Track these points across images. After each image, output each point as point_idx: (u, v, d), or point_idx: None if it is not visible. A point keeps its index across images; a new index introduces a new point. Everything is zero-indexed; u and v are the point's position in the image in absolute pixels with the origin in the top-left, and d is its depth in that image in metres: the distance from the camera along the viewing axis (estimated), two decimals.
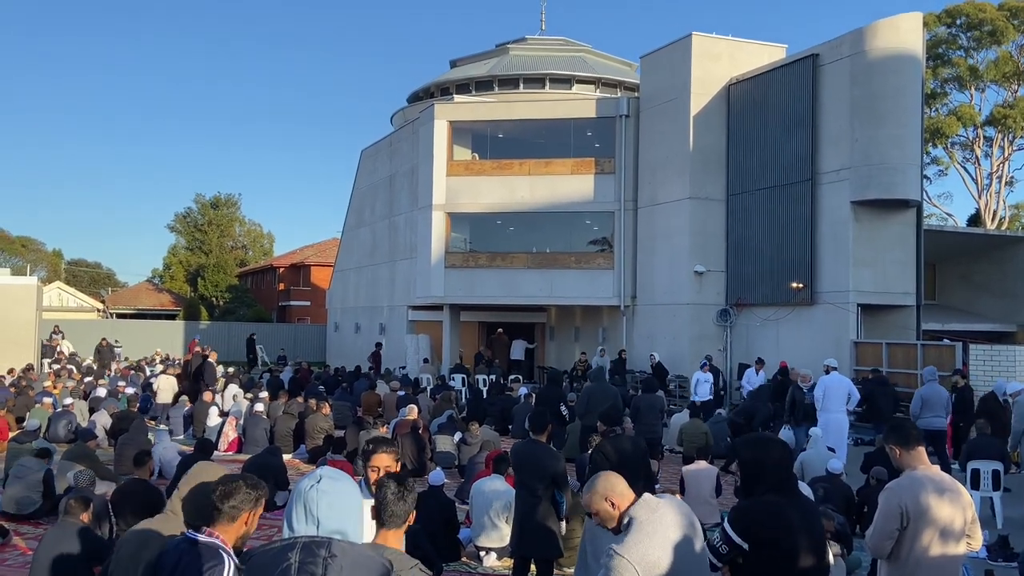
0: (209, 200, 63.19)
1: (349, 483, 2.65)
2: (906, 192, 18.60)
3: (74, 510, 6.72)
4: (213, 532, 3.43)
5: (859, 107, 18.88)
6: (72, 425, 15.03)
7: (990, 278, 24.23)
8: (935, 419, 12.95)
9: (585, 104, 25.15)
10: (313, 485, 2.58)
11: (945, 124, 37.87)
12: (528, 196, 24.66)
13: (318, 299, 47.29)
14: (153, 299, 58.42)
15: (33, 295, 28.45)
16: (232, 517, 3.47)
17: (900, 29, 18.78)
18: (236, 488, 3.50)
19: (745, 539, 3.83)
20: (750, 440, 4.35)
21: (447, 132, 25.43)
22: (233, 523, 3.49)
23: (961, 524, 4.41)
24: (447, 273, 25.17)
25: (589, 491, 3.87)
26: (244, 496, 3.50)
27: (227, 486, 3.51)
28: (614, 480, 3.85)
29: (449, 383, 22.18)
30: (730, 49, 22.43)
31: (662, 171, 22.79)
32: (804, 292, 19.78)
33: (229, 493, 3.48)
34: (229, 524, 3.48)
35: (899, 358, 18.06)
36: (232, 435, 15.24)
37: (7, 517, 9.75)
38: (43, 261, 69.36)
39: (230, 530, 3.48)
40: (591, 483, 3.90)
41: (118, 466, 11.90)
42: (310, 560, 2.38)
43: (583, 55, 33.27)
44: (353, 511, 2.63)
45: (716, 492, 9.74)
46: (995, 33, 36.80)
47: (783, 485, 3.95)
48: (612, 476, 3.89)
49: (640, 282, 23.65)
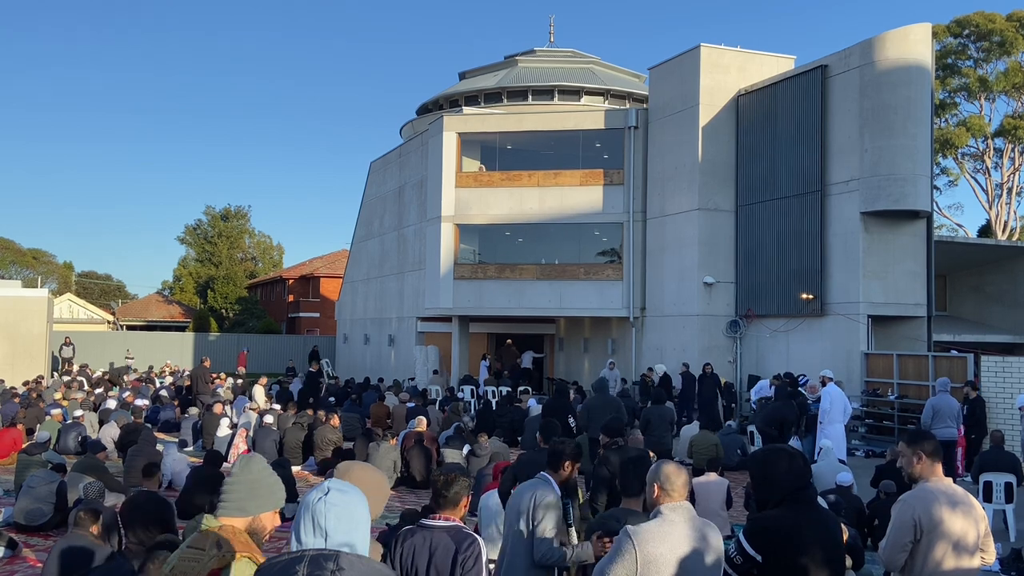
0: (219, 212, 63.48)
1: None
2: (916, 203, 18.53)
3: (84, 522, 6.73)
4: (449, 516, 3.96)
5: (869, 118, 18.84)
6: (82, 437, 15.08)
7: (1001, 289, 24.10)
8: (945, 429, 13.02)
9: (594, 115, 25.18)
10: (321, 497, 2.55)
11: (955, 135, 37.76)
12: (537, 207, 24.67)
13: (327, 311, 47.36)
14: (163, 311, 58.62)
15: (44, 307, 28.63)
16: (455, 502, 3.99)
17: (909, 40, 18.76)
18: (454, 477, 4.02)
19: (759, 552, 3.84)
20: (758, 455, 4.34)
21: (456, 144, 25.49)
22: (456, 507, 4.00)
23: (974, 537, 4.37)
24: (456, 284, 25.18)
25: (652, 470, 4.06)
26: (462, 483, 4.03)
27: (447, 476, 4.03)
28: (672, 472, 3.96)
29: (458, 395, 22.16)
30: (739, 60, 22.44)
31: (671, 182, 22.78)
32: (814, 303, 19.71)
33: (450, 482, 4.00)
34: (454, 509, 3.99)
35: (910, 369, 17.96)
36: (242, 447, 15.25)
37: (17, 528, 9.77)
38: (54, 273, 69.71)
39: (456, 513, 4.00)
40: (657, 465, 4.06)
41: (127, 478, 11.91)
42: (318, 573, 2.36)
43: (592, 67, 33.34)
44: (361, 523, 2.61)
45: (727, 504, 9.69)
46: (1004, 44, 36.75)
47: (798, 496, 3.93)
48: (673, 467, 4.01)
49: (649, 293, 23.61)
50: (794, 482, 3.95)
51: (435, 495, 4.06)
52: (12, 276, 57.80)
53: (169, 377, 29.46)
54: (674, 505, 3.88)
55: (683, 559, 3.70)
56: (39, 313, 28.25)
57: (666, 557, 3.68)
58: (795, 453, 4.10)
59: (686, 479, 4.00)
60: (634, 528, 3.80)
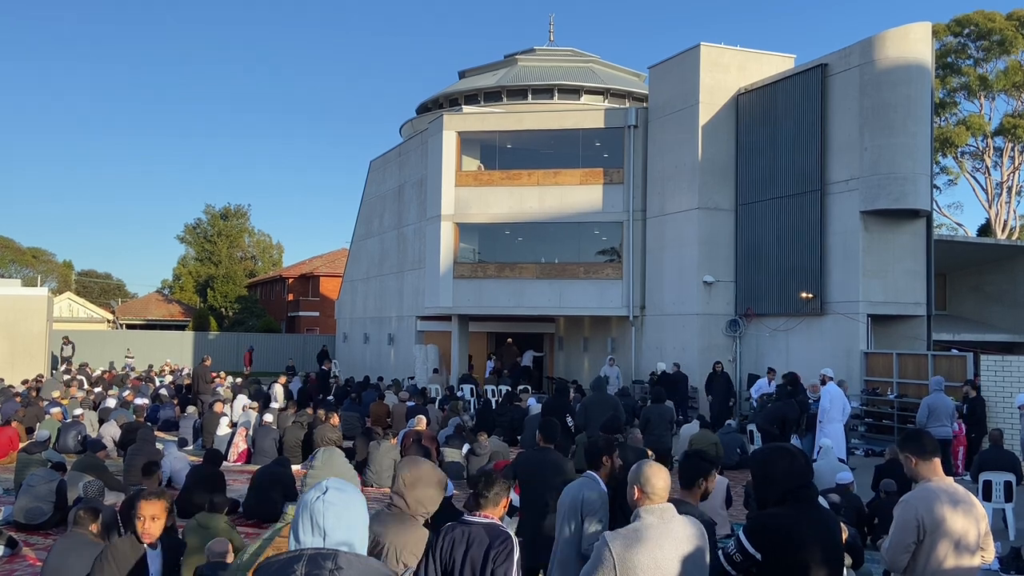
0: (219, 211, 63.46)
1: (356, 494, 2.64)
2: (916, 202, 18.53)
3: (83, 521, 6.72)
4: (488, 514, 4.14)
5: (868, 117, 18.84)
6: (81, 436, 15.08)
7: (1001, 288, 24.11)
8: (940, 428, 13.10)
9: (594, 114, 25.17)
10: (319, 496, 2.55)
11: (955, 134, 37.77)
12: (537, 206, 24.67)
13: (327, 309, 47.38)
14: (162, 310, 58.63)
15: (44, 306, 28.65)
16: (495, 502, 4.20)
17: (909, 39, 18.75)
18: (496, 479, 4.27)
19: (759, 550, 3.84)
20: (759, 454, 4.33)
21: (456, 143, 25.49)
22: (497, 507, 4.19)
23: (975, 536, 4.37)
24: (455, 283, 25.18)
25: (632, 470, 4.05)
26: (503, 485, 4.24)
27: (487, 477, 4.28)
28: (652, 473, 3.93)
29: (457, 394, 22.16)
30: (739, 59, 22.44)
31: (671, 181, 22.78)
32: (814, 302, 19.72)
33: (492, 482, 4.22)
34: (494, 508, 4.18)
35: (909, 368, 17.97)
36: (242, 446, 15.26)
37: (17, 527, 9.77)
38: (54, 272, 69.69)
39: (496, 512, 4.19)
40: (638, 465, 4.05)
41: (127, 476, 11.91)
42: (316, 572, 2.36)
43: (592, 65, 33.32)
44: (360, 522, 2.61)
45: (726, 503, 9.68)
46: (1004, 43, 36.75)
47: (798, 495, 3.92)
48: (654, 468, 3.97)
49: (649, 292, 23.61)
50: (795, 481, 3.94)
51: (476, 495, 4.28)
52: (12, 275, 57.77)
53: (169, 376, 29.46)
54: (653, 508, 3.83)
55: (665, 563, 3.67)
56: (39, 312, 28.26)
57: (645, 563, 3.64)
58: (796, 452, 4.09)
59: (667, 480, 3.95)
60: (611, 534, 3.76)
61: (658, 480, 3.89)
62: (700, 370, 20.91)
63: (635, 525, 3.78)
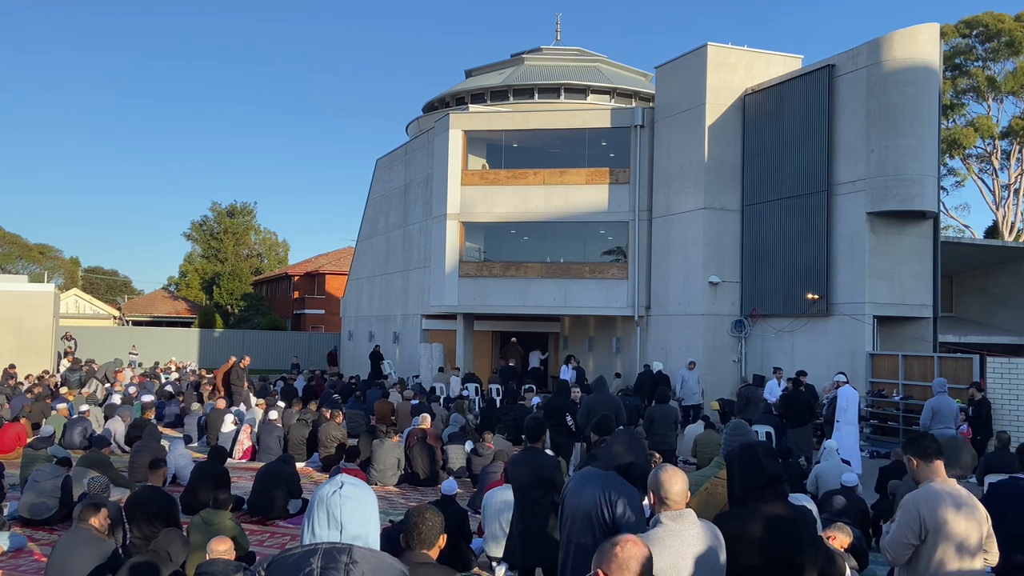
0: (225, 208, 63.60)
1: (368, 490, 2.75)
2: (923, 203, 18.48)
3: (88, 516, 6.74)
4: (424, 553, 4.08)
5: (876, 118, 18.79)
6: (87, 432, 15.13)
7: (1008, 290, 24.03)
8: (945, 430, 13.01)
9: (600, 114, 25.15)
10: (336, 491, 2.66)
11: (962, 135, 37.65)
12: (542, 206, 24.67)
13: (332, 307, 47.46)
14: (169, 307, 58.75)
15: (51, 302, 28.73)
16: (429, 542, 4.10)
17: (917, 40, 18.69)
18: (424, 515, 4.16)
19: None
20: (730, 454, 4.29)
21: (462, 142, 25.49)
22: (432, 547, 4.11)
23: (977, 539, 4.37)
24: (461, 282, 25.19)
25: (650, 477, 3.94)
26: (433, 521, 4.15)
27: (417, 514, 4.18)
28: (668, 479, 3.86)
29: (462, 393, 22.16)
30: (745, 59, 22.40)
31: (677, 181, 22.75)
32: (820, 303, 19.68)
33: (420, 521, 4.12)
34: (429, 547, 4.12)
35: (915, 370, 17.93)
36: (247, 443, 15.30)
37: (22, 522, 9.81)
38: (60, 268, 69.86)
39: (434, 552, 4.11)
40: (655, 472, 3.94)
41: (132, 473, 11.96)
42: (332, 566, 2.42)
43: (598, 65, 33.29)
44: (373, 517, 2.71)
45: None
46: (1012, 44, 36.62)
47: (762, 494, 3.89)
48: (669, 474, 3.89)
49: (654, 292, 23.59)
50: (753, 480, 3.91)
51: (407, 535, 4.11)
52: (19, 271, 57.95)
53: (175, 373, 29.52)
54: (673, 514, 3.78)
55: (684, 568, 3.64)
56: (45, 308, 28.34)
57: (665, 568, 3.60)
58: (761, 450, 4.02)
59: (684, 485, 3.88)
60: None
61: (674, 485, 3.84)
62: (705, 370, 20.84)
63: (655, 531, 3.74)
